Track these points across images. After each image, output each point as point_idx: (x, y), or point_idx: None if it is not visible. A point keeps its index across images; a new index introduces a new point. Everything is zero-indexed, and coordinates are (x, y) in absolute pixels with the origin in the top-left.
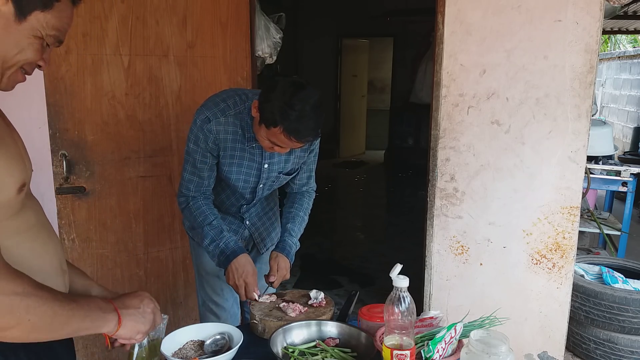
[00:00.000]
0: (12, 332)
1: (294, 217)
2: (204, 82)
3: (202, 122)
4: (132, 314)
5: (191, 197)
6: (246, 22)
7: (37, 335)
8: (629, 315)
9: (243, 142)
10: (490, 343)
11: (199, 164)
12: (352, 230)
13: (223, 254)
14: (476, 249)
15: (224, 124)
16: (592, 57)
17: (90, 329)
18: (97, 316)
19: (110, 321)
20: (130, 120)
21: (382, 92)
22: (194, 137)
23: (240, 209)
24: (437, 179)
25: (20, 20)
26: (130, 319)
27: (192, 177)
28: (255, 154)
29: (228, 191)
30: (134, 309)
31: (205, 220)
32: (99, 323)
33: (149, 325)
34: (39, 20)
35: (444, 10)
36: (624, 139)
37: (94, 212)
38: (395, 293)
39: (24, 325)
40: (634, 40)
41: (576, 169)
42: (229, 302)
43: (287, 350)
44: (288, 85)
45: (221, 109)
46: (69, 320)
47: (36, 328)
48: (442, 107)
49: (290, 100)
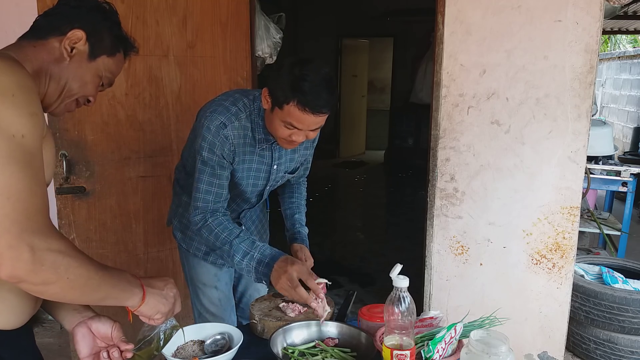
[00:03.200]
0: (53, 287)
1: (299, 206)
2: (204, 82)
3: (217, 128)
4: (156, 293)
5: (210, 211)
6: (246, 22)
7: (73, 295)
8: (629, 315)
9: (253, 145)
10: (490, 343)
11: (218, 171)
12: (352, 230)
13: (261, 264)
14: (476, 249)
15: (238, 128)
16: (592, 57)
17: (118, 298)
18: (125, 287)
19: (135, 295)
20: (130, 120)
21: (382, 92)
22: (209, 145)
23: (240, 214)
24: (437, 179)
25: (90, 60)
26: (153, 298)
27: (211, 187)
28: (265, 155)
29: (232, 197)
30: (158, 290)
31: (231, 234)
32: (126, 294)
33: (168, 307)
34: (104, 63)
35: (444, 10)
36: (624, 139)
37: (94, 212)
38: (395, 293)
39: (62, 282)
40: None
41: (576, 169)
42: (227, 312)
43: (287, 351)
44: (296, 61)
45: (234, 113)
46: (100, 285)
47: (73, 287)
48: (442, 107)
49: (300, 72)
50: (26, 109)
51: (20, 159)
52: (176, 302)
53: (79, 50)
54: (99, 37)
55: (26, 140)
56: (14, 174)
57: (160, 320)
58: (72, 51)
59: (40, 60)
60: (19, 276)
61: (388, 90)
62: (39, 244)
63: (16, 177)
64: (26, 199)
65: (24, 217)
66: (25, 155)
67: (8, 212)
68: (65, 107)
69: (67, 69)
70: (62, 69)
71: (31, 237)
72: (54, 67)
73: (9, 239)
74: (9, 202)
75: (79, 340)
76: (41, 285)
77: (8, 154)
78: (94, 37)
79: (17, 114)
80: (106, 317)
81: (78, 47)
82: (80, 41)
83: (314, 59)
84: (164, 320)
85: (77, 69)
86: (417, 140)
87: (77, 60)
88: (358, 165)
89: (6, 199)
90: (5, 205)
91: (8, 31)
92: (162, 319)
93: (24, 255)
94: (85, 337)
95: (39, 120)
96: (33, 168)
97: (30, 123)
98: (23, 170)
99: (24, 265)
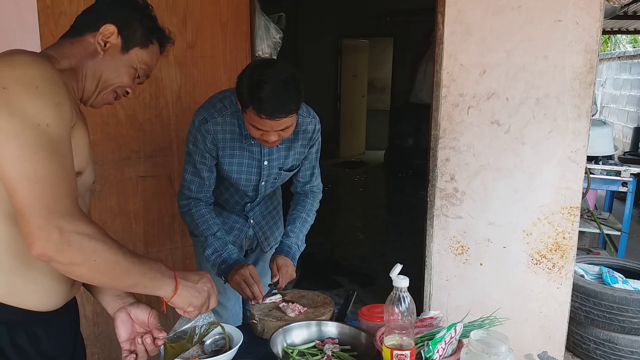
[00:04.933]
0: (80, 268)
1: (295, 219)
2: (204, 82)
3: (199, 123)
4: (189, 286)
5: (193, 199)
6: (246, 22)
7: (101, 278)
8: (629, 315)
9: (241, 141)
10: (490, 343)
11: (199, 164)
12: (352, 230)
13: (225, 263)
14: (476, 249)
15: (222, 123)
16: (592, 57)
17: (148, 287)
18: (156, 277)
19: (167, 285)
20: (130, 120)
21: (382, 92)
22: (193, 138)
23: (245, 207)
24: (437, 179)
25: (123, 52)
26: (186, 290)
27: (194, 177)
28: (255, 151)
29: (232, 189)
30: (192, 283)
31: (209, 229)
32: (157, 283)
33: (201, 301)
34: (137, 55)
35: (444, 10)
36: (624, 139)
37: (94, 212)
38: (395, 293)
39: (89, 264)
40: (634, 40)
41: (576, 169)
42: (232, 302)
43: (287, 351)
44: (255, 66)
45: (218, 109)
46: (129, 272)
47: (100, 270)
48: (442, 107)
49: (258, 78)
50: (50, 99)
51: (46, 146)
52: (211, 297)
53: (112, 44)
54: (130, 30)
55: (51, 129)
56: (40, 160)
57: (193, 313)
58: (106, 45)
59: (77, 56)
60: (48, 255)
61: (388, 90)
62: (66, 225)
63: (42, 164)
64: (53, 184)
65: (51, 201)
66: (51, 143)
67: (37, 196)
68: (103, 99)
69: (102, 62)
70: (97, 62)
71: (59, 219)
72: (89, 62)
73: (38, 220)
74: (37, 187)
75: (119, 324)
76: (69, 265)
77: (35, 142)
78: (125, 30)
79: (41, 105)
80: (145, 304)
81: (111, 40)
82: (113, 35)
83: (276, 62)
84: (198, 314)
85: (111, 61)
86: (417, 140)
87: (110, 53)
88: (358, 165)
89: (34, 184)
90: (33, 189)
91: (8, 31)
92: (196, 312)
93: (52, 235)
94: (124, 322)
95: (64, 110)
96: (59, 155)
97: (55, 113)
98: (50, 157)
99: (52, 245)
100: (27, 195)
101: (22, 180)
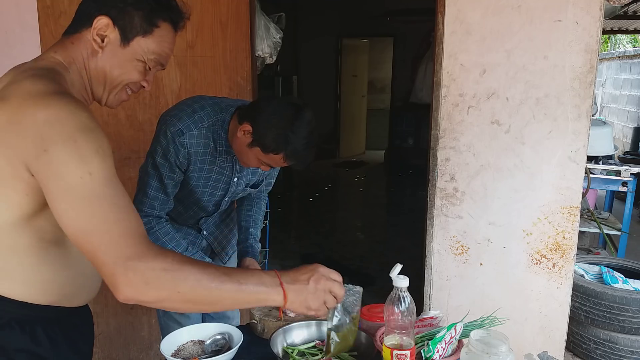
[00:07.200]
0: (167, 303)
1: (255, 221)
2: (204, 82)
3: (173, 135)
4: (300, 289)
5: (155, 217)
6: (246, 22)
7: (191, 306)
8: (629, 315)
9: (214, 156)
10: (490, 343)
11: (166, 179)
12: (352, 230)
13: None
14: (476, 249)
15: (197, 136)
16: (592, 57)
17: (251, 302)
18: (255, 290)
19: (274, 295)
20: (130, 120)
21: (382, 92)
22: (163, 151)
23: (199, 221)
24: (437, 179)
25: (124, 45)
26: (297, 295)
27: (158, 194)
28: (226, 167)
29: (187, 203)
30: (301, 285)
31: (178, 246)
32: (259, 297)
33: (319, 302)
34: (141, 45)
35: (444, 10)
36: (624, 139)
37: None
38: (395, 293)
39: (175, 297)
40: (634, 40)
41: (576, 169)
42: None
43: (287, 351)
44: (286, 109)
45: (194, 121)
46: (221, 293)
47: (190, 300)
48: (442, 107)
49: (292, 126)
50: (89, 149)
51: (93, 196)
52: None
53: (110, 38)
54: (127, 19)
55: (95, 177)
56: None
57: (320, 312)
58: (104, 41)
59: (81, 58)
60: (133, 299)
61: (388, 90)
62: (137, 265)
63: (91, 214)
64: (109, 231)
65: (111, 247)
66: (97, 191)
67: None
68: (116, 98)
69: (103, 60)
70: (98, 61)
71: (126, 262)
72: (91, 62)
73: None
74: (95, 238)
75: None
76: (157, 302)
77: (82, 196)
78: (121, 20)
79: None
80: None
81: (108, 34)
82: (108, 28)
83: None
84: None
85: (113, 58)
86: (417, 140)
87: (110, 48)
88: (358, 165)
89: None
90: (91, 241)
91: (8, 31)
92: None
93: (127, 279)
94: None
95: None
96: (107, 198)
97: (95, 160)
98: (98, 205)
99: (131, 288)
100: (89, 248)
101: (80, 236)
